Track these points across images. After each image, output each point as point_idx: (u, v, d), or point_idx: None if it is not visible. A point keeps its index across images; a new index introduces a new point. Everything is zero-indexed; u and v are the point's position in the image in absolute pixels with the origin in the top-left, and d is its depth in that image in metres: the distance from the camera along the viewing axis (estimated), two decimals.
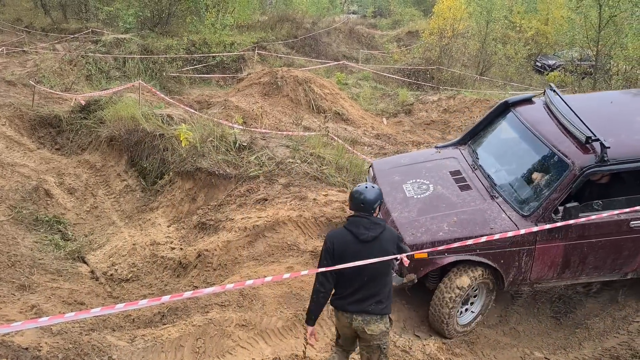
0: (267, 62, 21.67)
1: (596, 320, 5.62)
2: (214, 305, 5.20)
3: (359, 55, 26.18)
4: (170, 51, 19.77)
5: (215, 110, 12.79)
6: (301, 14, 29.62)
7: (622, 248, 5.06)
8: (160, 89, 15.21)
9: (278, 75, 13.72)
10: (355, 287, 3.68)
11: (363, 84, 19.05)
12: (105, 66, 17.43)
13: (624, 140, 4.92)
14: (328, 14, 37.16)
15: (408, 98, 16.35)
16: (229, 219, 7.17)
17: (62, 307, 5.35)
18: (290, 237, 6.54)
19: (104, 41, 19.02)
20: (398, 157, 7.06)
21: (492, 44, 23.00)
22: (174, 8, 22.71)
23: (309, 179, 8.19)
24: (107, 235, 7.94)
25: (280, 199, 7.53)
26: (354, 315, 3.70)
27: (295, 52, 24.73)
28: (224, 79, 20.20)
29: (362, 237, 3.62)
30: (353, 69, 22.20)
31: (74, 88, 14.91)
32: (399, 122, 15.11)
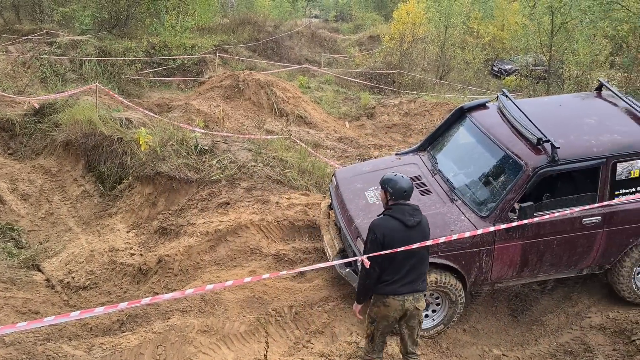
0: (229, 65, 21.52)
1: (551, 316, 5.81)
2: (175, 311, 5.13)
3: (322, 59, 26.32)
4: (129, 53, 19.37)
5: (176, 113, 12.62)
6: (263, 17, 29.54)
7: (577, 245, 5.25)
8: (119, 92, 14.88)
9: (240, 79, 13.66)
10: (407, 270, 3.98)
11: (325, 88, 19.16)
12: (61, 68, 16.94)
13: (573, 141, 5.13)
14: (290, 17, 37.21)
15: (370, 102, 16.54)
16: (191, 224, 7.09)
17: (16, 317, 5.17)
18: (253, 241, 6.51)
19: (59, 43, 18.49)
20: (360, 165, 7.23)
21: (450, 49, 23.52)
22: (133, 10, 22.27)
23: (272, 182, 8.18)
24: (64, 242, 7.71)
25: (242, 203, 7.48)
26: (406, 295, 3.99)
27: (258, 55, 24.65)
28: (184, 82, 19.93)
29: (409, 223, 3.95)
30: (315, 73, 22.30)
31: (27, 91, 14.44)
32: (361, 126, 15.26)
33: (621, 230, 5.26)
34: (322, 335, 5.16)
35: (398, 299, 4.00)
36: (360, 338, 5.04)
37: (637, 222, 5.24)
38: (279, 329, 5.17)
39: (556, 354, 5.31)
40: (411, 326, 4.18)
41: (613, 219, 5.19)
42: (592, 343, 5.31)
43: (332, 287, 5.60)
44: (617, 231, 5.26)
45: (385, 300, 4.03)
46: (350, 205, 5.47)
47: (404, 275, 3.99)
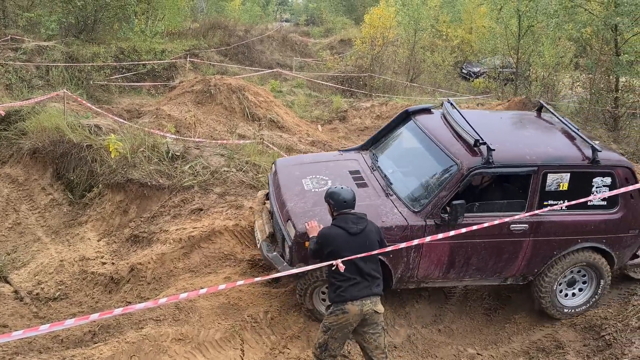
0: (200, 70, 21.35)
1: (523, 314, 5.93)
2: (148, 320, 5.06)
3: (293, 63, 26.34)
4: (98, 59, 19.04)
5: (147, 119, 12.45)
6: (233, 21, 29.43)
7: (503, 251, 5.34)
8: (88, 98, 14.60)
9: (211, 84, 13.55)
10: (360, 274, 4.11)
11: (297, 92, 19.16)
12: (27, 75, 16.53)
13: (508, 148, 5.28)
14: (261, 21, 37.19)
15: (342, 105, 16.61)
16: (163, 231, 7.02)
17: None
18: (227, 247, 6.49)
19: (24, 49, 18.05)
20: (302, 156, 7.53)
21: (420, 52, 23.81)
22: (100, 14, 21.91)
23: (245, 187, 8.15)
24: (32, 253, 7.52)
25: (216, 209, 7.44)
26: (364, 299, 4.09)
27: (229, 60, 24.52)
28: (155, 88, 19.69)
29: (352, 230, 4.15)
30: (287, 77, 22.29)
31: None
32: (333, 129, 15.31)
33: (546, 241, 5.35)
34: (299, 339, 5.17)
35: (356, 304, 4.07)
36: None
37: (562, 235, 5.34)
38: (255, 335, 5.15)
39: (529, 351, 5.43)
40: (375, 333, 4.20)
41: (539, 228, 5.29)
42: (563, 340, 5.44)
43: None
44: (543, 241, 5.35)
45: (344, 307, 4.08)
46: (286, 190, 5.58)
47: (359, 281, 4.11)
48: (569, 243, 5.38)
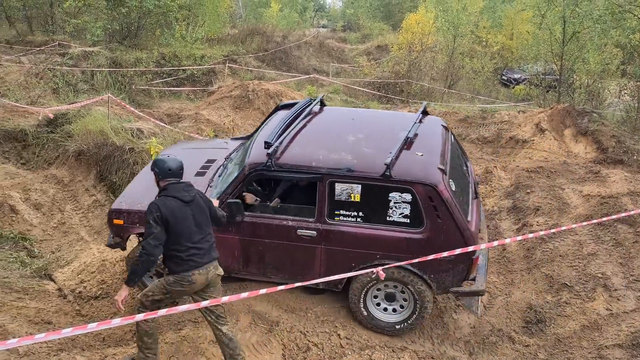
0: (238, 75, 21.65)
1: None
2: (187, 322, 5.12)
3: (330, 68, 26.40)
4: (140, 64, 19.55)
5: (186, 123, 12.69)
6: (271, 27, 29.76)
7: (295, 255, 5.23)
8: (130, 102, 14.99)
9: (249, 89, 13.72)
10: (199, 241, 4.18)
11: (334, 97, 19.18)
12: (73, 79, 17.10)
13: (302, 151, 5.17)
14: (298, 27, 37.43)
15: None
16: None
17: (29, 327, 5.18)
18: None
19: (71, 54, 18.69)
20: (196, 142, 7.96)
21: (459, 58, 23.52)
22: (144, 21, 22.52)
23: None
24: (75, 252, 7.74)
25: None
26: (207, 266, 4.21)
27: (266, 65, 24.78)
28: (194, 92, 20.06)
29: (185, 199, 4.16)
30: (323, 82, 22.37)
31: (40, 102, 14.56)
32: None
33: (341, 251, 5.12)
34: None
35: (202, 271, 4.16)
36: None
37: (357, 247, 5.06)
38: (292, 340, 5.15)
39: None
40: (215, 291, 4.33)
41: (330, 237, 5.09)
42: None
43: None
44: (337, 251, 5.13)
45: (191, 278, 4.12)
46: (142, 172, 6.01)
47: (199, 247, 4.17)
48: (366, 257, 5.06)
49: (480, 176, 9.43)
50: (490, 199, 8.75)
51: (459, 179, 5.33)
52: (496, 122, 13.33)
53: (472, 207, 5.36)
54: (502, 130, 12.90)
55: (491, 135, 13.01)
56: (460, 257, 4.84)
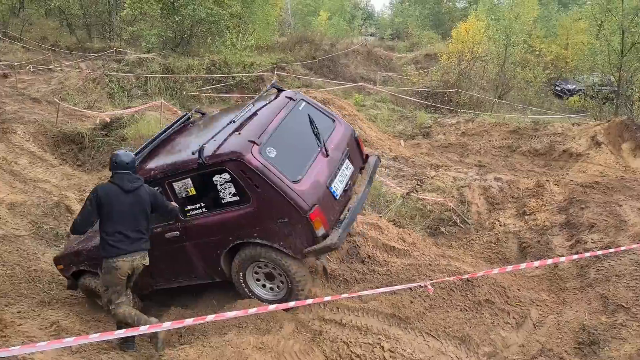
0: (286, 82, 21.89)
1: None
2: (231, 327, 5.16)
3: (377, 77, 26.34)
4: (191, 71, 20.08)
5: None
6: (320, 35, 29.98)
7: (175, 256, 5.41)
8: (180, 108, 15.40)
9: None
10: (128, 229, 4.56)
11: (381, 106, 19.12)
12: (128, 85, 17.75)
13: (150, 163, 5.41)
14: (346, 35, 37.58)
15: (426, 120, 16.35)
16: None
17: (81, 324, 5.36)
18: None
19: (127, 60, 19.42)
20: None
21: (511, 67, 22.99)
22: (196, 29, 23.12)
23: None
24: None
25: None
26: (133, 254, 4.60)
27: (314, 73, 24.95)
28: (242, 99, 20.41)
29: (125, 187, 4.55)
30: (371, 91, 22.32)
31: (96, 106, 15.18)
32: (416, 145, 15.09)
33: (203, 242, 5.28)
34: None
35: (127, 259, 4.55)
36: None
37: (213, 235, 5.21)
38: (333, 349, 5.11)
39: None
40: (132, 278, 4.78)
41: (190, 233, 5.28)
42: None
43: (393, 307, 5.47)
44: (200, 244, 5.30)
45: (115, 264, 4.52)
46: None
47: (127, 235, 4.54)
48: (224, 242, 5.21)
49: (531, 190, 9.15)
50: (541, 213, 8.46)
51: (292, 144, 5.35)
52: (549, 134, 12.93)
53: (315, 165, 5.28)
54: (554, 142, 12.49)
55: (543, 148, 12.62)
56: (293, 218, 4.89)
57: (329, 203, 5.18)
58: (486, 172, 10.51)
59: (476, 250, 7.93)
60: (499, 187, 9.33)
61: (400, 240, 7.19)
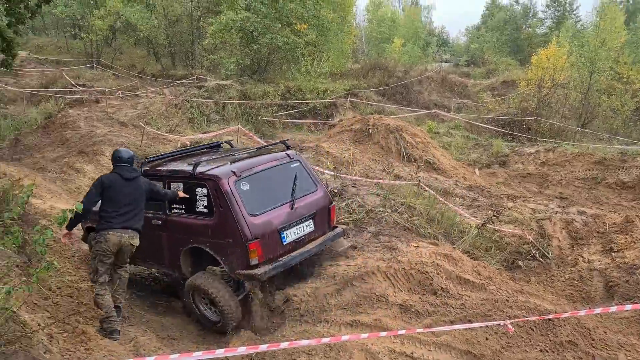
0: (358, 109, 22.02)
1: None
2: (301, 353, 5.14)
3: (451, 104, 25.94)
4: (267, 97, 20.70)
5: (307, 155, 13.06)
6: (393, 62, 30.07)
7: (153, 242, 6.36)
8: (255, 132, 15.85)
9: (370, 123, 13.83)
10: (125, 211, 5.44)
11: (455, 133, 18.75)
12: (207, 110, 18.52)
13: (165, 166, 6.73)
14: (420, 62, 37.42)
15: (503, 149, 15.83)
16: (318, 265, 7.16)
17: (157, 341, 5.53)
18: (379, 288, 6.38)
19: (206, 87, 20.32)
20: None
21: (595, 95, 21.88)
22: (272, 57, 23.89)
23: (399, 228, 8.05)
24: None
25: (369, 248, 7.43)
26: (122, 231, 5.39)
27: (386, 99, 24.96)
28: (315, 125, 20.71)
29: (125, 176, 5.52)
30: (444, 118, 21.97)
31: (177, 130, 15.93)
32: (492, 174, 14.61)
33: (173, 237, 6.32)
34: None
35: (116, 234, 5.34)
36: None
37: (181, 233, 6.24)
38: None
39: None
40: (124, 255, 5.55)
41: (168, 225, 6.34)
42: None
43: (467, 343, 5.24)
44: (171, 237, 6.34)
45: (106, 236, 5.30)
46: None
47: (122, 214, 5.39)
48: (184, 242, 6.20)
49: (619, 225, 8.56)
50: (630, 250, 7.87)
51: (267, 187, 6.34)
52: (638, 165, 12.11)
53: (277, 211, 6.21)
54: None
55: (632, 180, 11.84)
56: (236, 240, 5.80)
57: (272, 243, 6.06)
58: (568, 204, 9.96)
59: (557, 287, 7.50)
60: (583, 221, 8.80)
61: (475, 273, 6.93)
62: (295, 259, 6.28)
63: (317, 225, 6.70)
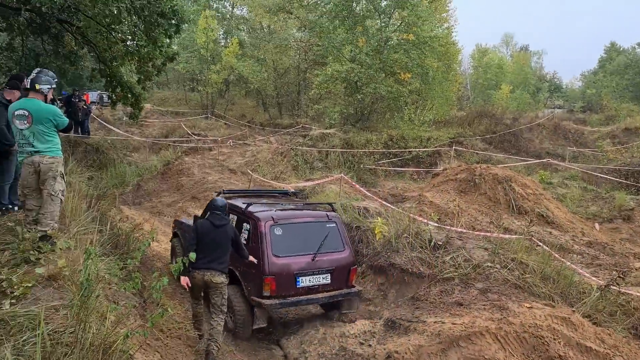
0: (463, 157, 21.40)
1: None
2: None
3: (566, 152, 24.37)
4: (369, 145, 20.83)
5: (409, 204, 12.80)
6: (501, 109, 29.14)
7: None
8: (357, 180, 15.91)
9: (476, 173, 13.31)
10: (210, 254, 6.24)
11: (570, 184, 17.48)
12: (310, 158, 18.99)
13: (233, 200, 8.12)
14: (530, 109, 35.94)
15: (627, 202, 14.43)
16: (421, 321, 6.84)
17: None
18: (489, 352, 5.93)
19: (310, 135, 20.92)
20: None
21: None
22: (376, 106, 24.17)
23: (510, 286, 7.52)
24: (301, 321, 8.14)
25: (476, 306, 6.99)
26: (205, 271, 6.19)
27: (493, 148, 24.06)
28: (417, 173, 20.40)
29: (215, 223, 6.36)
30: (558, 167, 20.64)
31: (282, 177, 16.45)
32: (614, 229, 13.32)
33: None
34: None
35: (200, 273, 6.19)
36: None
37: None
38: None
39: None
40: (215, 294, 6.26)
41: None
42: None
43: None
44: None
45: (193, 274, 6.18)
46: None
47: (208, 258, 6.21)
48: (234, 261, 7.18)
49: None
50: None
51: (297, 236, 7.31)
52: None
53: (299, 258, 7.18)
54: None
55: None
56: (257, 273, 6.90)
57: (286, 283, 7.01)
58: None
59: None
60: None
61: (599, 340, 6.26)
62: (303, 302, 7.24)
63: (333, 280, 7.41)
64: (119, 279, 5.24)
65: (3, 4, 11.28)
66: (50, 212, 5.17)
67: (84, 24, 11.55)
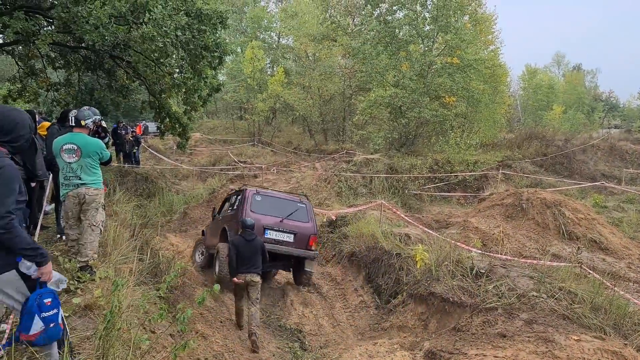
0: (512, 181, 20.82)
1: None
2: None
3: (622, 174, 23.31)
4: (414, 170, 20.61)
5: (454, 230, 12.55)
6: (552, 131, 28.26)
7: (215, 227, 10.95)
8: (401, 206, 15.74)
9: (523, 197, 12.93)
10: (246, 262, 7.70)
11: (627, 208, 16.67)
12: (354, 184, 18.95)
13: None
14: (584, 129, 34.71)
15: None
16: (462, 353, 6.62)
17: None
18: None
19: (355, 161, 20.92)
20: None
21: None
22: (420, 130, 23.97)
23: (557, 317, 7.17)
24: (340, 351, 8.05)
25: (520, 337, 6.69)
26: (246, 274, 7.68)
27: (544, 170, 23.30)
28: (464, 198, 19.98)
29: (247, 238, 7.85)
30: (614, 190, 19.74)
31: (325, 203, 16.47)
32: None
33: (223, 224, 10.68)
34: None
35: (241, 276, 7.66)
36: None
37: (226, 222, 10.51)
38: None
39: None
40: (254, 291, 7.76)
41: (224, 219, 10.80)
42: None
43: None
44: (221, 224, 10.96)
45: (239, 277, 7.67)
46: None
47: (246, 265, 7.69)
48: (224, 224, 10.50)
49: None
50: None
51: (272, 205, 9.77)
52: None
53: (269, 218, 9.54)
54: None
55: None
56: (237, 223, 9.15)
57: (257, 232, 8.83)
58: None
59: None
60: None
61: None
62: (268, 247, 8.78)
63: (296, 240, 9.56)
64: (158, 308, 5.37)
65: (61, 43, 12.03)
66: (90, 242, 5.39)
67: (134, 59, 12.14)
